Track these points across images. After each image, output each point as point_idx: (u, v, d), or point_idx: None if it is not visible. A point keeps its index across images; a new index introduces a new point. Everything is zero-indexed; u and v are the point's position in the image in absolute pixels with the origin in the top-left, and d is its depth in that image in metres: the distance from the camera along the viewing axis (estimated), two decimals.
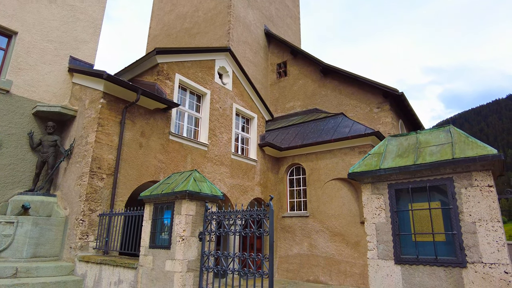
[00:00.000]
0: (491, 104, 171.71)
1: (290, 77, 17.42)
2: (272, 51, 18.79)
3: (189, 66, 9.47)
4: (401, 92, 13.41)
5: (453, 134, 3.19)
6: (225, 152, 10.17)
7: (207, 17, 17.57)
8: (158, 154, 8.10)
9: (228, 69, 10.93)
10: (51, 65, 8.49)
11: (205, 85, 9.94)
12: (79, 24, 9.18)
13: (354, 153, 10.62)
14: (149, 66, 8.66)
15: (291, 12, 22.60)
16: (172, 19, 20.02)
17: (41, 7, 8.46)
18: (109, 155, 7.10)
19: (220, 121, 10.26)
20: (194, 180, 4.81)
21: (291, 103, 16.91)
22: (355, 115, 14.43)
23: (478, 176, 2.80)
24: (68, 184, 7.29)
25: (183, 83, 9.28)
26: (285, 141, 12.47)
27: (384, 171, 3.19)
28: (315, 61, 16.30)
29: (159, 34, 20.57)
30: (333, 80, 15.72)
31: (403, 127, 15.72)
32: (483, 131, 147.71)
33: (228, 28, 16.05)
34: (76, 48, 9.06)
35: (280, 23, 20.89)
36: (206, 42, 17.05)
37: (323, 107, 15.53)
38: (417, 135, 3.51)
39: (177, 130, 9.02)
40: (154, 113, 8.20)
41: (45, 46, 8.44)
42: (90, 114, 7.36)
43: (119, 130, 7.35)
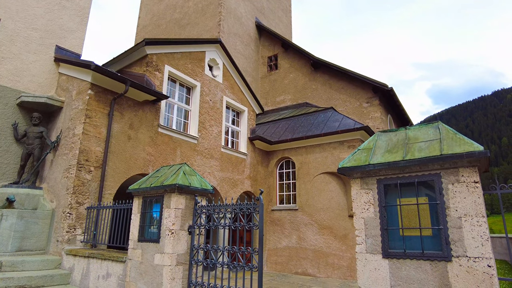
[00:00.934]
0: (477, 100, 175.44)
1: (281, 70, 17.37)
2: (263, 44, 18.68)
3: (179, 58, 9.33)
4: (391, 87, 13.54)
5: (442, 130, 3.23)
6: (215, 145, 10.13)
7: (198, 8, 17.31)
8: (147, 146, 8.01)
9: (219, 61, 10.82)
10: (36, 54, 8.26)
11: (195, 77, 9.83)
12: (65, 13, 8.93)
13: (344, 147, 10.71)
14: (138, 57, 8.50)
15: (283, 4, 22.45)
16: (161, 9, 19.65)
17: None
18: (97, 148, 6.98)
19: (210, 114, 10.19)
20: (184, 173, 4.78)
21: (281, 97, 16.90)
22: (345, 109, 14.53)
23: (464, 172, 2.85)
24: (54, 177, 7.15)
25: (173, 75, 9.15)
26: (275, 135, 12.49)
27: (373, 167, 3.22)
28: (306, 54, 16.28)
29: (149, 24, 20.19)
30: (323, 75, 15.76)
31: (392, 122, 15.91)
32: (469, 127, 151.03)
33: (219, 19, 15.85)
34: (62, 37, 8.82)
35: (272, 15, 20.74)
36: (196, 34, 16.82)
37: (314, 101, 15.58)
38: (407, 131, 3.55)
39: (166, 122, 8.93)
40: (143, 105, 8.08)
41: (30, 34, 8.19)
42: (78, 105, 7.21)
43: (107, 122, 7.23)
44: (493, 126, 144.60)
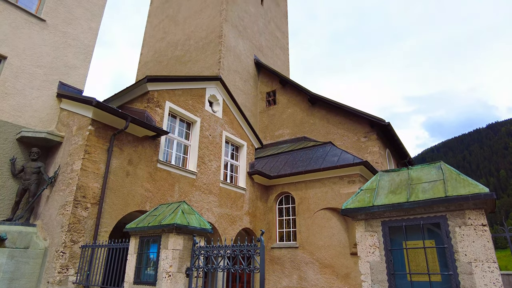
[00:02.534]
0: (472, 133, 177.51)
1: (279, 105, 17.67)
2: (261, 80, 19.14)
3: (179, 94, 9.50)
4: (388, 122, 13.71)
5: (444, 170, 3.22)
6: (214, 180, 10.03)
7: (199, 45, 17.91)
8: (145, 182, 7.92)
9: (219, 97, 11.02)
10: (39, 90, 8.38)
11: (195, 113, 9.95)
12: (70, 50, 9.18)
13: (343, 182, 10.63)
14: (140, 94, 8.64)
15: (280, 43, 23.30)
16: (163, 46, 20.32)
17: (33, 32, 8.45)
18: (95, 184, 6.89)
19: (210, 148, 10.20)
20: (182, 212, 4.68)
21: (280, 131, 17.05)
22: (343, 143, 14.61)
23: (471, 214, 2.80)
24: (50, 213, 6.98)
25: (173, 110, 9.26)
26: (275, 169, 12.44)
27: (378, 208, 3.16)
28: (303, 90, 16.65)
29: (150, 60, 20.77)
30: (321, 109, 16.02)
31: (390, 156, 15.96)
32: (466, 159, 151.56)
33: (219, 57, 16.35)
34: (66, 74, 9.00)
35: (270, 53, 21.46)
36: (197, 70, 17.27)
37: (312, 135, 15.70)
38: (409, 171, 3.53)
39: (165, 157, 8.90)
40: (143, 140, 8.09)
41: (35, 71, 8.36)
42: (77, 141, 7.21)
43: (106, 157, 7.19)
44: (490, 158, 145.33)
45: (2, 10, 7.97)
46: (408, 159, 17.89)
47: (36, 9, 8.66)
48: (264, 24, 21.58)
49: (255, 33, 20.26)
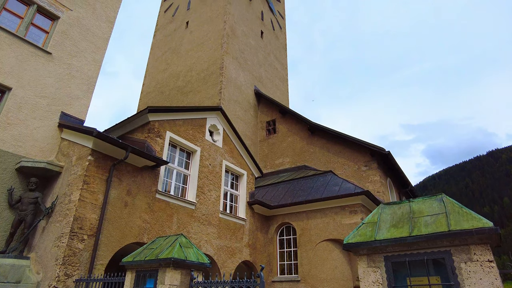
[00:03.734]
0: (473, 161, 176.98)
1: (279, 134, 17.78)
2: (261, 110, 19.40)
3: (180, 124, 9.58)
4: (388, 151, 13.72)
5: (446, 203, 3.17)
6: (213, 211, 9.88)
7: (200, 77, 18.32)
8: (144, 213, 7.80)
9: (219, 127, 11.10)
10: (41, 120, 8.46)
11: (196, 143, 9.99)
12: (73, 81, 9.37)
13: (345, 212, 10.47)
14: (140, 124, 8.72)
15: (280, 74, 23.85)
16: (165, 77, 20.79)
17: (38, 65, 8.67)
18: (92, 215, 6.78)
19: (209, 178, 10.14)
20: (180, 246, 4.56)
21: (280, 160, 17.03)
22: (344, 172, 14.54)
23: (476, 250, 2.72)
24: (44, 246, 6.82)
25: (174, 140, 9.30)
26: (275, 199, 12.29)
27: (380, 243, 3.08)
28: (302, 119, 16.82)
29: (152, 91, 21.17)
30: (320, 138, 16.09)
31: (391, 185, 15.83)
32: (469, 187, 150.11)
33: (220, 87, 16.68)
34: (68, 104, 9.13)
35: (269, 84, 21.90)
36: (198, 100, 17.56)
37: (312, 164, 15.66)
38: (410, 203, 3.48)
39: (164, 188, 8.82)
40: (142, 170, 8.06)
41: (38, 102, 8.49)
42: (76, 171, 7.18)
43: (105, 188, 7.13)
44: (492, 186, 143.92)
45: (11, 43, 8.23)
46: (410, 187, 17.73)
47: (43, 42, 8.94)
48: (264, 56, 22.20)
49: (255, 65, 20.79)
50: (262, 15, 23.63)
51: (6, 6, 8.47)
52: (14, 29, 8.40)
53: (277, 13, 26.27)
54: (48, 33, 9.04)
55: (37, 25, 8.89)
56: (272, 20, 25.03)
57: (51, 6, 9.12)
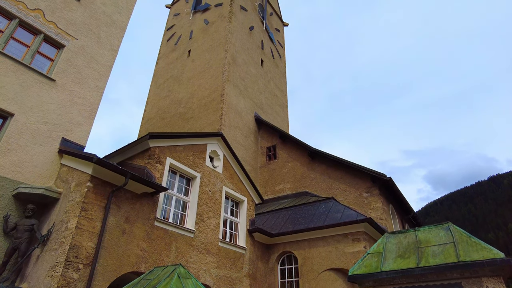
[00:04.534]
0: (475, 186, 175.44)
1: (279, 160, 17.74)
2: (262, 135, 19.47)
3: (181, 150, 9.56)
4: (389, 177, 13.62)
5: (454, 232, 3.08)
6: (212, 239, 9.65)
7: (201, 103, 18.54)
8: (141, 241, 7.60)
9: (220, 152, 11.08)
10: (41, 146, 8.44)
11: (196, 169, 9.92)
12: (75, 108, 9.44)
13: (348, 240, 10.22)
14: (141, 150, 8.70)
15: (280, 100, 24.17)
16: (167, 104, 21.03)
17: (42, 91, 8.77)
18: (89, 243, 6.60)
19: (209, 205, 9.98)
20: (178, 276, 4.40)
21: (281, 186, 16.88)
22: (345, 199, 14.36)
23: (489, 282, 2.61)
24: (38, 275, 6.59)
25: (174, 166, 9.25)
26: (276, 226, 12.04)
27: (386, 274, 2.96)
28: (303, 145, 16.83)
29: (154, 117, 21.35)
30: (321, 164, 16.02)
31: (394, 211, 15.58)
32: (472, 213, 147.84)
33: (221, 114, 16.83)
34: (69, 130, 9.15)
35: (270, 110, 22.14)
36: (199, 127, 17.66)
37: (313, 190, 15.50)
38: (416, 232, 3.38)
39: (163, 215, 8.66)
40: (141, 197, 7.94)
41: (39, 128, 8.51)
42: (75, 197, 7.07)
43: (103, 215, 6.99)
44: (496, 211, 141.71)
45: (16, 71, 8.37)
46: (412, 214, 17.45)
47: (47, 70, 9.10)
48: (264, 84, 22.59)
49: (256, 92, 21.11)
50: (262, 44, 24.29)
51: (14, 35, 8.70)
52: (20, 57, 8.58)
53: (276, 42, 27.03)
54: (53, 60, 9.22)
55: (43, 53, 9.09)
56: (272, 49, 25.71)
57: (57, 35, 9.38)
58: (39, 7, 9.22)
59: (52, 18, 9.41)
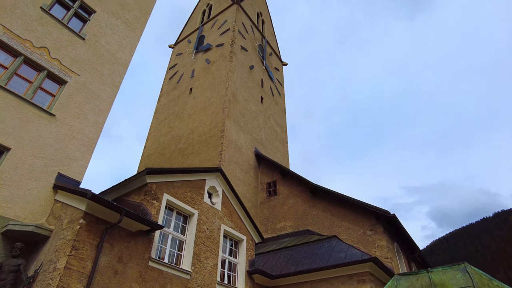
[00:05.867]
0: (480, 223, 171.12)
1: (280, 196, 17.37)
2: (262, 171, 19.26)
3: (178, 186, 9.33)
4: (393, 214, 13.22)
5: (472, 274, 2.81)
6: (210, 281, 9.11)
7: (201, 139, 18.55)
8: (134, 283, 7.14)
9: (218, 188, 10.82)
10: (36, 181, 8.23)
11: (193, 205, 9.62)
12: (74, 143, 9.34)
13: (353, 281, 9.67)
14: (138, 186, 8.48)
15: (279, 136, 24.25)
16: (167, 140, 21.06)
17: (41, 126, 8.72)
18: (78, 285, 6.18)
19: (206, 244, 9.55)
20: None
21: (281, 223, 16.37)
22: (349, 237, 13.84)
23: None
24: None
25: (171, 203, 8.96)
26: (277, 267, 11.47)
27: None
28: (303, 181, 16.56)
29: (153, 153, 21.28)
30: (322, 201, 15.65)
31: (399, 250, 14.96)
32: (479, 251, 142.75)
33: (221, 149, 16.76)
34: (66, 165, 8.98)
35: (270, 145, 22.13)
36: (198, 162, 17.51)
37: (315, 228, 15.00)
38: (429, 274, 3.11)
39: (158, 255, 8.24)
40: (136, 235, 7.59)
41: (35, 162, 8.35)
42: (66, 235, 6.75)
43: (95, 254, 6.62)
44: (504, 250, 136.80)
45: (17, 106, 8.39)
46: (419, 253, 16.75)
47: (48, 105, 9.13)
48: (264, 120, 22.80)
49: (256, 128, 21.23)
50: (262, 82, 24.86)
51: (18, 71, 8.84)
52: (22, 93, 8.64)
53: (276, 80, 27.70)
54: (55, 96, 9.29)
55: (45, 89, 9.19)
56: (271, 87, 26.28)
57: (60, 71, 9.53)
58: (45, 45, 9.46)
59: (57, 55, 9.63)
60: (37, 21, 9.57)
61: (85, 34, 10.71)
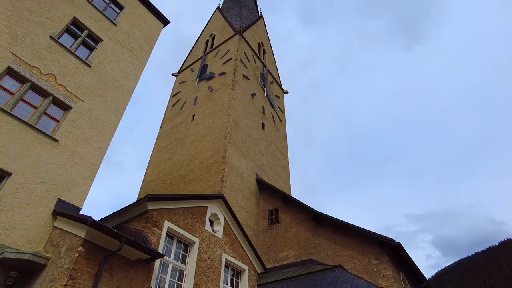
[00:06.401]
0: (486, 252, 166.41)
1: (282, 224, 17.03)
2: (263, 198, 19.02)
3: (180, 213, 9.16)
4: (398, 242, 12.91)
5: None
6: None
7: (203, 165, 18.48)
8: None
9: (220, 216, 10.62)
10: (35, 207, 8.09)
11: (195, 233, 9.39)
12: (75, 168, 9.29)
13: None
14: (139, 212, 8.32)
15: (281, 162, 24.18)
16: (168, 166, 20.99)
17: (43, 151, 8.70)
18: None
19: (207, 274, 9.23)
20: None
21: (284, 253, 15.94)
22: (353, 267, 13.42)
23: None
24: None
25: (172, 230, 8.75)
26: None
27: None
28: (306, 208, 16.30)
29: (154, 179, 21.13)
30: (326, 229, 15.33)
31: (405, 280, 14.46)
32: (487, 282, 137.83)
33: (222, 175, 16.65)
34: (67, 191, 8.88)
35: (271, 172, 22.01)
36: (199, 189, 17.34)
37: (319, 258, 14.58)
38: None
39: (158, 284, 7.93)
40: (135, 264, 7.35)
41: (35, 188, 8.25)
42: (63, 263, 6.53)
43: (92, 284, 6.37)
44: None
45: (21, 131, 8.41)
46: (426, 283, 16.18)
47: (52, 130, 9.16)
48: (265, 146, 22.83)
49: (257, 154, 21.21)
50: (263, 109, 25.15)
51: (24, 97, 8.95)
52: (27, 118, 8.70)
53: (277, 108, 28.04)
54: (59, 121, 9.35)
55: (50, 114, 9.26)
56: (272, 114, 26.56)
57: (65, 97, 9.65)
58: (52, 72, 9.65)
59: (63, 81, 9.79)
60: (46, 49, 9.82)
61: (91, 61, 10.96)
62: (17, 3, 9.70)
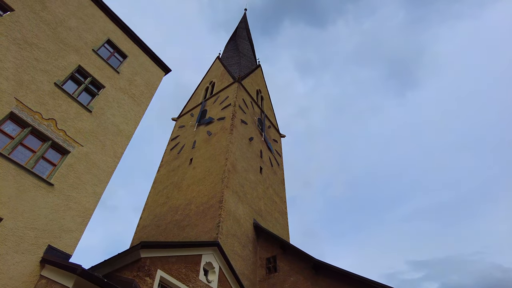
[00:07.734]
0: None
1: (280, 273, 16.30)
2: (261, 245, 18.42)
3: (173, 262, 8.83)
4: None
5: None
6: None
7: (199, 210, 18.14)
8: None
9: (215, 265, 10.23)
10: (23, 255, 7.77)
11: (188, 283, 8.97)
12: (69, 213, 9.08)
13: None
14: (131, 260, 8.03)
15: (279, 207, 23.79)
16: (164, 211, 20.58)
17: (37, 196, 8.56)
18: None
19: None
20: None
21: None
22: None
23: None
24: None
25: (164, 280, 8.38)
26: None
27: None
28: (305, 256, 15.72)
29: (149, 224, 20.60)
30: (325, 278, 14.64)
31: None
32: None
33: (218, 221, 16.27)
34: (58, 237, 8.59)
35: (269, 217, 21.56)
36: (195, 235, 16.85)
37: None
38: None
39: None
40: None
41: (25, 234, 7.99)
42: None
43: None
44: None
45: (16, 175, 8.36)
46: None
47: (48, 174, 9.11)
48: (263, 190, 22.62)
49: (255, 198, 20.94)
50: (261, 153, 25.32)
51: (24, 141, 9.03)
52: (24, 161, 8.69)
53: (275, 152, 28.25)
54: (56, 165, 9.34)
55: (47, 158, 9.27)
56: (270, 157, 26.68)
57: (64, 142, 9.74)
58: (53, 117, 9.84)
59: (63, 126, 9.95)
60: (49, 95, 10.11)
61: (92, 106, 11.23)
62: (26, 52, 10.17)
